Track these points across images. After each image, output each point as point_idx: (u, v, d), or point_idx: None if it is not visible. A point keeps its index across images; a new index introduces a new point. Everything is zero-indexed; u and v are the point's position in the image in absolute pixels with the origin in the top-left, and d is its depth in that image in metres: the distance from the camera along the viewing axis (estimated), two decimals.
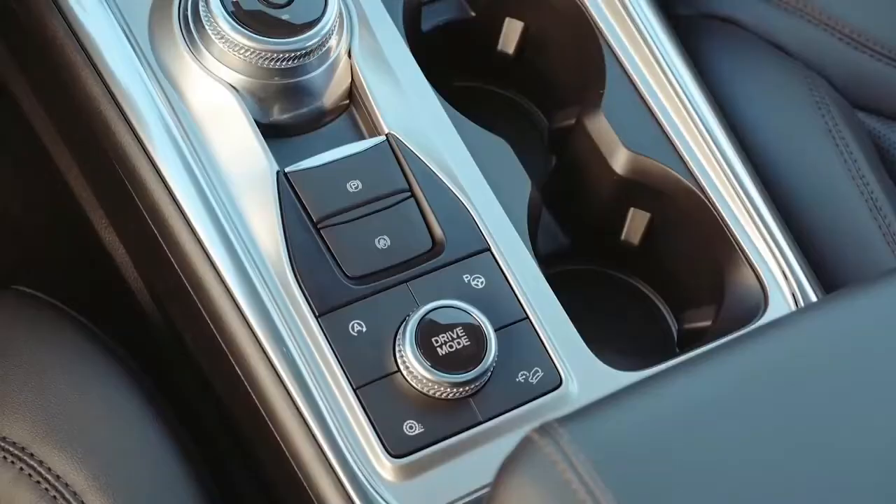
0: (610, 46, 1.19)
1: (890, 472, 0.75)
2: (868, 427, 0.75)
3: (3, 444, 1.02)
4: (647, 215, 1.19)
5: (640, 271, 1.23)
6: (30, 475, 1.01)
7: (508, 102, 1.31)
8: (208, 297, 1.03)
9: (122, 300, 1.23)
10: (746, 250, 1.14)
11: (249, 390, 1.02)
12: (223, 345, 1.03)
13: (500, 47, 1.27)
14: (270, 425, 1.01)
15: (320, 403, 1.00)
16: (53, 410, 1.03)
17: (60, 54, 1.10)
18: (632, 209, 1.19)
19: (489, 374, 1.02)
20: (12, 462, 1.02)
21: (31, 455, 1.01)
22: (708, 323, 1.16)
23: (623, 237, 1.21)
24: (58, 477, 1.00)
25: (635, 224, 1.20)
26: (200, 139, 1.06)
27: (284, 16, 1.07)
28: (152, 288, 1.20)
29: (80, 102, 1.10)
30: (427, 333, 1.01)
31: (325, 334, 1.02)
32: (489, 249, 1.07)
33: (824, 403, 0.75)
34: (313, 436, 0.99)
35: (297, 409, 1.00)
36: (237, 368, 1.03)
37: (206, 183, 1.05)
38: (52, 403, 1.03)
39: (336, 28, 1.08)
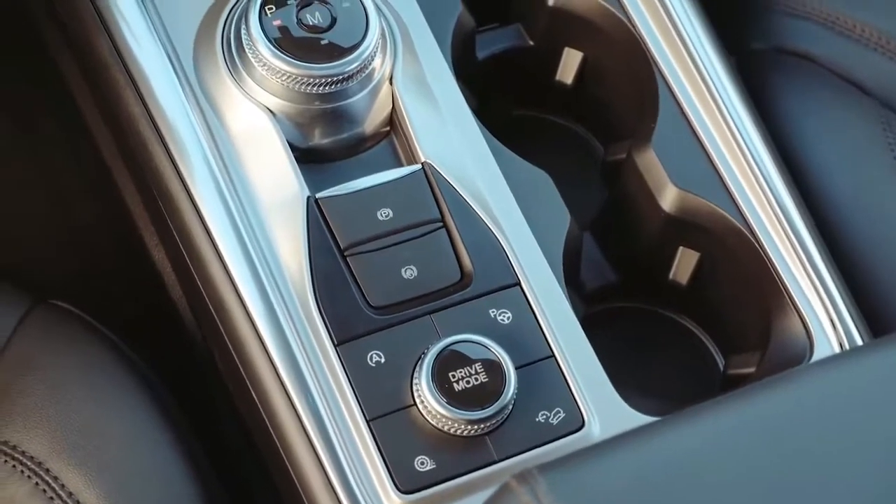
0: (665, 79, 1.16)
1: None
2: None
3: (21, 459, 1.03)
4: (697, 255, 1.16)
5: (689, 312, 1.20)
6: (44, 490, 1.01)
7: (568, 132, 1.29)
8: (229, 318, 1.03)
9: (167, 318, 1.24)
10: (794, 296, 1.10)
11: (263, 414, 1.01)
12: (240, 367, 1.02)
13: (558, 77, 1.25)
14: (281, 451, 1.00)
15: (332, 432, 0.99)
16: (72, 426, 1.03)
17: (106, 73, 1.11)
18: (681, 248, 1.16)
19: (507, 412, 1.00)
20: (28, 476, 1.02)
21: (47, 470, 1.02)
22: (752, 369, 1.12)
23: (671, 276, 1.17)
24: (70, 494, 1.01)
25: (684, 263, 1.16)
26: (234, 162, 1.06)
27: (325, 40, 1.06)
28: (193, 307, 1.20)
29: (123, 121, 1.10)
30: (444, 368, 0.99)
31: (342, 363, 1.00)
32: (519, 284, 1.05)
33: (802, 466, 0.71)
34: (322, 465, 0.98)
35: (308, 436, 0.99)
36: (252, 391, 1.02)
37: (236, 205, 1.04)
38: (71, 420, 1.04)
39: (377, 52, 1.07)
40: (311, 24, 1.06)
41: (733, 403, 0.80)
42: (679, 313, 1.20)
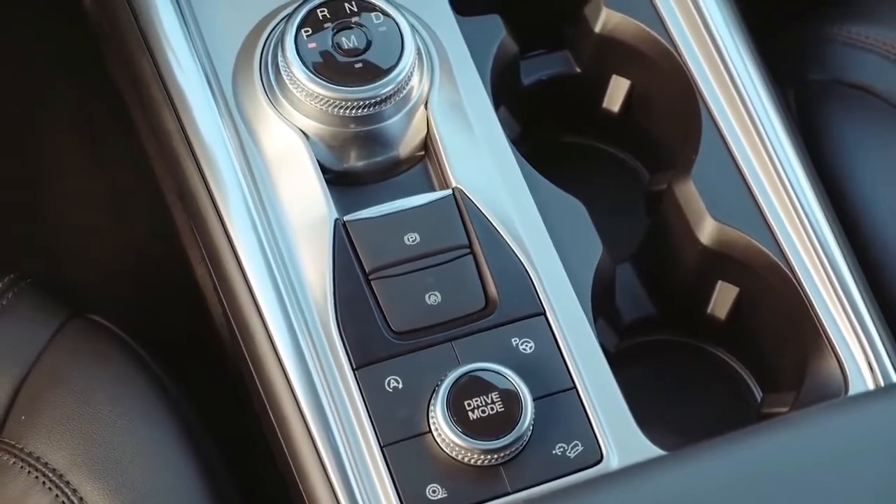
0: (709, 110, 1.14)
1: None
2: None
3: (44, 470, 1.04)
4: (735, 290, 1.13)
5: (728, 347, 1.17)
6: (63, 502, 1.02)
7: (616, 161, 1.27)
8: (251, 337, 1.03)
9: (207, 337, 1.24)
10: (831, 335, 1.07)
11: (280, 436, 1.01)
12: (260, 387, 1.03)
13: (605, 104, 1.23)
14: (295, 472, 1.00)
15: (345, 457, 0.98)
16: (95, 441, 1.04)
17: (147, 91, 1.12)
18: (719, 282, 1.14)
19: (522, 443, 0.98)
20: (49, 488, 1.03)
21: (67, 483, 1.03)
22: (786, 409, 1.09)
23: (709, 310, 1.15)
24: None
25: (722, 297, 1.14)
26: (265, 182, 1.06)
27: (360, 63, 1.06)
28: (226, 326, 1.20)
29: (162, 139, 1.12)
30: (460, 396, 0.98)
31: (359, 387, 1.00)
32: (543, 313, 1.04)
33: None
34: (333, 489, 0.98)
35: (321, 459, 0.98)
36: (270, 413, 1.02)
37: (263, 225, 1.05)
38: (94, 434, 1.05)
39: (413, 75, 1.07)
40: (347, 47, 1.06)
41: (729, 446, 0.78)
42: (718, 348, 1.18)
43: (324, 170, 1.07)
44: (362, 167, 1.09)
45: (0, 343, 1.10)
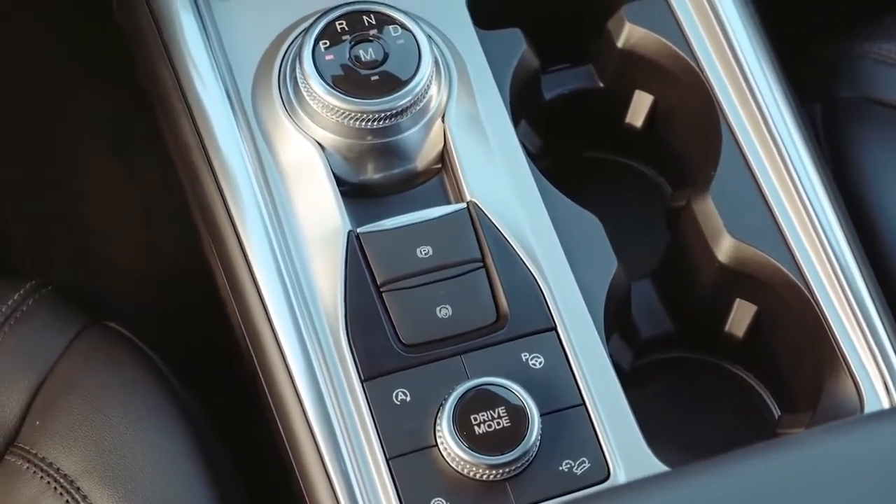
0: (729, 127, 1.13)
1: None
2: None
3: (56, 476, 1.05)
4: (754, 308, 1.12)
5: (746, 365, 1.16)
6: None
7: (640, 176, 1.27)
8: (261, 347, 1.04)
9: (227, 346, 1.25)
10: (847, 355, 1.05)
11: (287, 445, 1.01)
12: (269, 397, 1.03)
13: (628, 119, 1.22)
14: (300, 482, 1.00)
15: (350, 468, 0.98)
16: (107, 447, 1.05)
17: (168, 102, 1.13)
18: (737, 300, 1.12)
19: (528, 458, 0.98)
20: (61, 493, 1.04)
21: (78, 489, 1.04)
22: (800, 430, 1.08)
23: (727, 328, 1.14)
24: None
25: (740, 315, 1.13)
26: (281, 194, 1.07)
27: (377, 76, 1.06)
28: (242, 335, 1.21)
29: (182, 150, 1.12)
30: (466, 410, 0.98)
31: (367, 399, 1.00)
32: (554, 329, 1.03)
33: None
34: (337, 500, 0.98)
35: (326, 470, 0.99)
36: (278, 422, 1.02)
37: (277, 236, 1.05)
38: (105, 441, 1.05)
39: (430, 88, 1.07)
40: (364, 59, 1.06)
41: (732, 463, 0.77)
42: (737, 366, 1.17)
43: (341, 182, 1.07)
44: (379, 179, 1.09)
45: (18, 349, 1.11)
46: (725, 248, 1.09)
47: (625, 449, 1.00)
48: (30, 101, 1.56)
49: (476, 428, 0.98)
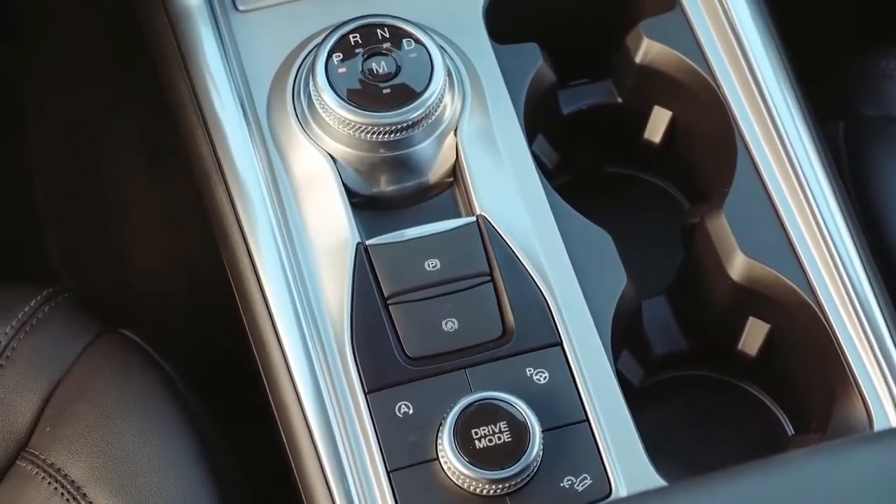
0: (745, 144, 1.12)
1: None
2: None
3: (63, 482, 1.06)
4: (767, 326, 1.11)
5: (759, 383, 1.15)
6: None
7: (660, 192, 1.26)
8: (267, 357, 1.04)
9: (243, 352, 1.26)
10: (858, 377, 1.04)
11: (290, 455, 1.02)
12: (272, 403, 1.03)
13: (646, 135, 1.22)
14: (302, 492, 1.01)
15: (350, 480, 0.99)
16: (114, 455, 1.06)
17: (183, 113, 1.14)
18: (751, 318, 1.12)
19: (529, 474, 0.98)
20: (67, 500, 1.05)
21: (84, 495, 1.05)
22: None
23: (740, 346, 1.13)
24: None
25: (753, 334, 1.12)
26: (291, 205, 1.07)
27: (389, 89, 1.07)
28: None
29: (194, 160, 1.13)
30: (467, 425, 0.98)
31: (370, 411, 1.00)
32: (560, 344, 1.03)
33: None
34: None
35: (327, 482, 0.99)
36: (282, 433, 1.03)
37: (286, 247, 1.06)
38: (112, 448, 1.06)
39: (442, 101, 1.07)
40: (377, 72, 1.07)
41: (732, 479, 0.76)
42: (750, 384, 1.16)
43: (353, 194, 1.07)
44: (391, 192, 1.09)
45: (32, 356, 1.12)
46: (738, 265, 1.09)
47: (627, 466, 1.00)
48: (76, 113, 1.59)
49: (477, 442, 0.97)
